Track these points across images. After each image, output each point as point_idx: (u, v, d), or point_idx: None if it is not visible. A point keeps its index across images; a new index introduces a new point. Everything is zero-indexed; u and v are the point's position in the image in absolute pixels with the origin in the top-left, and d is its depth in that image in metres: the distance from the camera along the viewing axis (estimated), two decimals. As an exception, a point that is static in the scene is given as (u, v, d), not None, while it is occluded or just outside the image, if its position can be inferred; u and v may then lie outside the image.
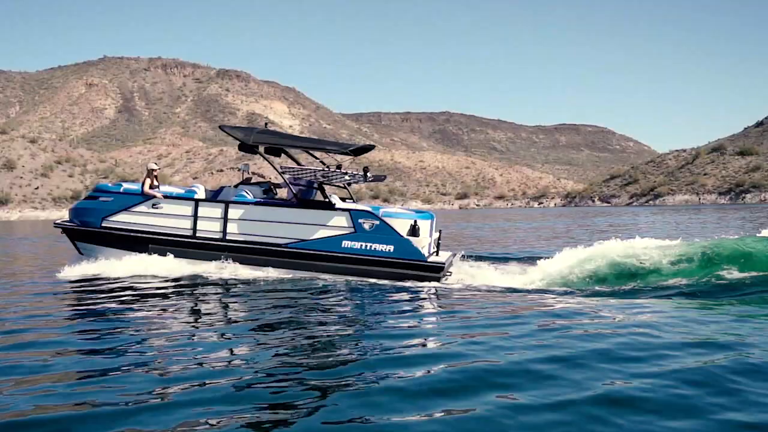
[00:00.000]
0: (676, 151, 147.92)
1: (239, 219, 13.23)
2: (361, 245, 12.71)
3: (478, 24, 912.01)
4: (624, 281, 11.39)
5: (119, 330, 7.70)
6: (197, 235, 13.38)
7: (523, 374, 5.53)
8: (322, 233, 12.89)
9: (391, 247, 12.60)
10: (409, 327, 7.95)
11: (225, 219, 13.25)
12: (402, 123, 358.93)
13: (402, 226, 12.80)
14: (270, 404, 4.90)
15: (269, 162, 13.94)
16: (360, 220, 12.77)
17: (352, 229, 12.78)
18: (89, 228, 13.99)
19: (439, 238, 14.14)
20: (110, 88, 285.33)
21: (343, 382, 5.39)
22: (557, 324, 7.73)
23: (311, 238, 12.91)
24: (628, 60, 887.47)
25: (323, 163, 14.54)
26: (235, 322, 8.55)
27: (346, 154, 13.46)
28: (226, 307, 9.66)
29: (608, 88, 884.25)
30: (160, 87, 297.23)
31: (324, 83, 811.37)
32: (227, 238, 13.23)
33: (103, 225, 13.78)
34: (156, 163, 14.47)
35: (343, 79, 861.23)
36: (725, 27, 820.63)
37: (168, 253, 13.44)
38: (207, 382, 5.42)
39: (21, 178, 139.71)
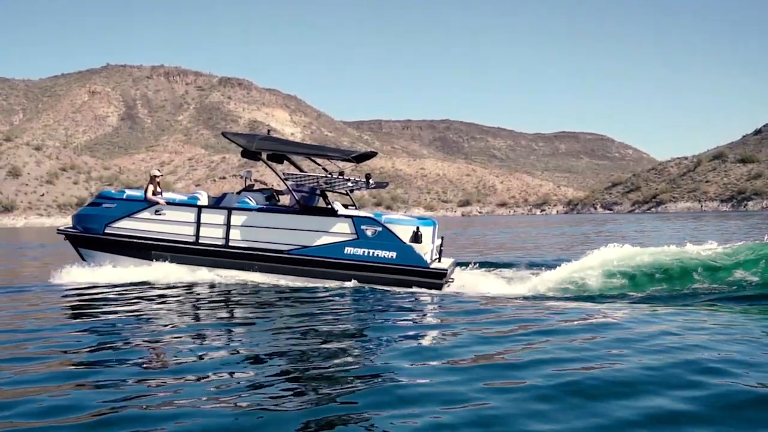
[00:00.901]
0: (678, 158, 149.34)
1: (242, 225, 13.21)
2: (364, 252, 12.73)
3: (478, 32, 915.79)
4: (689, 279, 11.33)
5: (118, 339, 7.61)
6: (200, 241, 13.37)
7: (672, 379, 5.44)
8: (325, 240, 12.89)
9: (393, 254, 12.63)
10: (491, 334, 7.65)
11: (228, 225, 13.24)
12: (402, 131, 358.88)
13: (404, 233, 12.84)
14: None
15: (272, 168, 13.83)
16: (363, 227, 12.78)
17: (355, 236, 12.79)
18: (92, 234, 13.93)
19: (441, 245, 14.15)
20: (113, 95, 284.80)
21: (484, 391, 5.25)
22: (659, 329, 7.58)
23: (314, 244, 12.92)
24: (626, 68, 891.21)
25: (326, 170, 14.49)
26: (249, 332, 8.22)
27: (349, 160, 13.58)
28: (231, 318, 9.36)
29: (607, 97, 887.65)
30: (163, 95, 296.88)
31: (325, 91, 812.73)
32: (230, 244, 13.24)
33: (106, 231, 13.74)
34: (159, 170, 14.61)
35: (344, 87, 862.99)
36: (723, 35, 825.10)
37: (170, 259, 13.43)
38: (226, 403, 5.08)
39: (26, 185, 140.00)
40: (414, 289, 12.21)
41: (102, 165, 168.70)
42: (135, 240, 13.57)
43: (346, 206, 13.85)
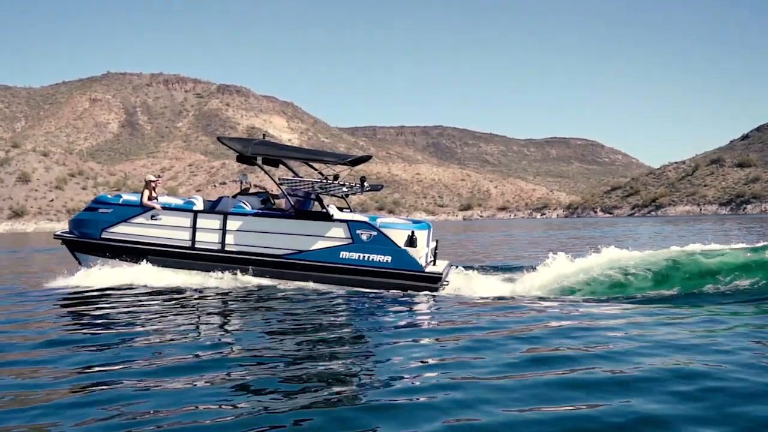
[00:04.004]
0: (676, 163, 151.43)
1: (238, 230, 13.19)
2: (359, 256, 12.65)
3: (470, 40, 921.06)
4: (685, 280, 11.47)
5: (113, 343, 7.60)
6: (196, 246, 13.35)
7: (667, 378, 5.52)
8: (321, 244, 12.83)
9: (388, 258, 12.55)
10: (485, 336, 7.68)
11: (223, 230, 13.21)
12: (397, 137, 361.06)
13: (399, 237, 12.70)
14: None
15: (267, 173, 13.84)
16: (358, 231, 12.70)
17: (350, 240, 12.73)
18: (88, 239, 13.90)
19: (435, 248, 14.09)
20: (113, 103, 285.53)
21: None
22: (654, 330, 7.75)
23: (309, 249, 12.86)
24: (615, 75, 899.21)
25: (321, 174, 14.43)
26: (245, 335, 8.20)
27: (344, 164, 13.38)
28: (226, 322, 9.31)
29: (597, 103, 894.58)
30: (162, 102, 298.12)
31: (321, 98, 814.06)
32: (226, 249, 13.21)
33: (102, 236, 13.69)
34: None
35: (339, 93, 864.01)
36: (710, 41, 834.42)
37: (167, 264, 13.42)
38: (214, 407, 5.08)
39: (36, 190, 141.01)
40: (409, 293, 12.15)
41: (108, 171, 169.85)
42: (131, 245, 13.56)
43: (341, 209, 13.84)
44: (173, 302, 10.90)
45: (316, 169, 14.86)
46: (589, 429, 4.49)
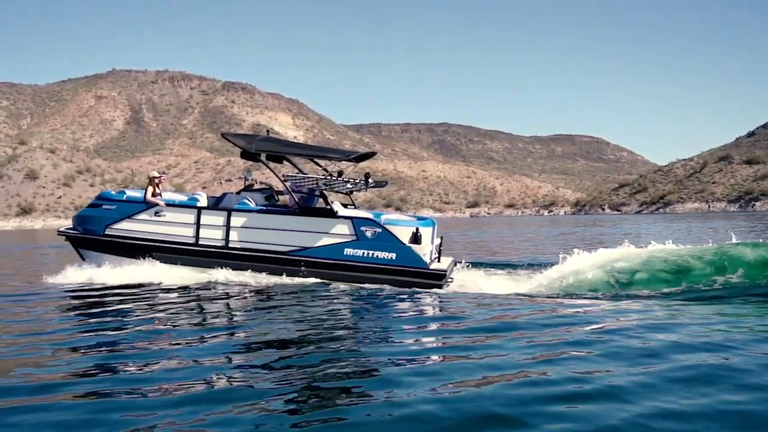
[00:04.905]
0: (684, 160, 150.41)
1: (242, 227, 13.20)
2: (364, 253, 12.67)
3: (474, 38, 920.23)
4: (691, 277, 11.29)
5: (116, 340, 7.59)
6: (200, 242, 13.36)
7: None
8: (325, 241, 12.85)
9: (393, 255, 12.57)
10: (489, 334, 7.55)
11: (228, 227, 13.22)
12: (402, 134, 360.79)
13: (404, 234, 12.74)
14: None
15: (270, 169, 13.80)
16: (362, 228, 12.72)
17: (355, 237, 12.74)
18: (92, 236, 13.92)
19: (440, 245, 14.09)
20: (119, 100, 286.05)
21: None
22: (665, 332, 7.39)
23: (314, 245, 12.88)
24: (620, 72, 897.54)
25: (326, 171, 14.45)
26: (246, 335, 8.00)
27: (349, 161, 13.49)
28: (233, 318, 9.32)
29: (602, 99, 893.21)
30: (168, 99, 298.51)
31: (326, 95, 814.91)
32: (230, 245, 13.24)
33: (106, 233, 13.73)
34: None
35: (345, 90, 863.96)
36: (712, 38, 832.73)
37: (170, 261, 13.40)
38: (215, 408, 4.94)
39: (44, 187, 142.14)
40: (414, 289, 12.13)
41: (115, 168, 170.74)
42: (135, 241, 13.58)
43: (345, 206, 13.83)
44: (175, 299, 10.89)
45: (320, 166, 14.90)
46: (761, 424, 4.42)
